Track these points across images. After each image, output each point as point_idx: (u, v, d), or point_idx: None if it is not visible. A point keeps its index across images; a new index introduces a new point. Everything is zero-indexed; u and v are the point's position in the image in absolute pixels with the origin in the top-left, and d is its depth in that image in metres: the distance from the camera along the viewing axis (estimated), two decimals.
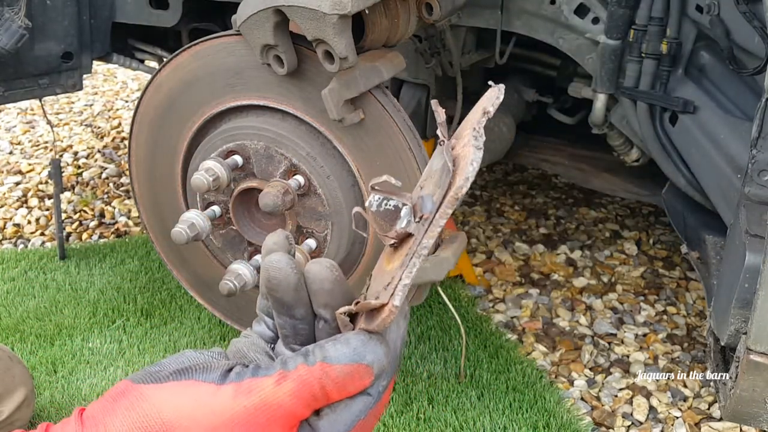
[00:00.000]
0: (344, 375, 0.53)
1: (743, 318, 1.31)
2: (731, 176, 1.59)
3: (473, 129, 0.56)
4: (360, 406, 0.55)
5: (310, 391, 0.53)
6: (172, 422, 0.52)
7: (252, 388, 0.53)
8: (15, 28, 2.00)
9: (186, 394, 0.53)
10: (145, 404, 0.52)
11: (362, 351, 0.54)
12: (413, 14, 1.69)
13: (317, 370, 0.53)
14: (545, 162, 2.81)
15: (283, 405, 0.53)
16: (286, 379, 0.53)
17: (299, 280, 0.57)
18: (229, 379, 0.54)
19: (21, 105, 4.41)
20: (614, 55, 1.98)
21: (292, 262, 0.57)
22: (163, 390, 0.53)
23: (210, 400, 0.52)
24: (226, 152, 1.73)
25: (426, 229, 0.55)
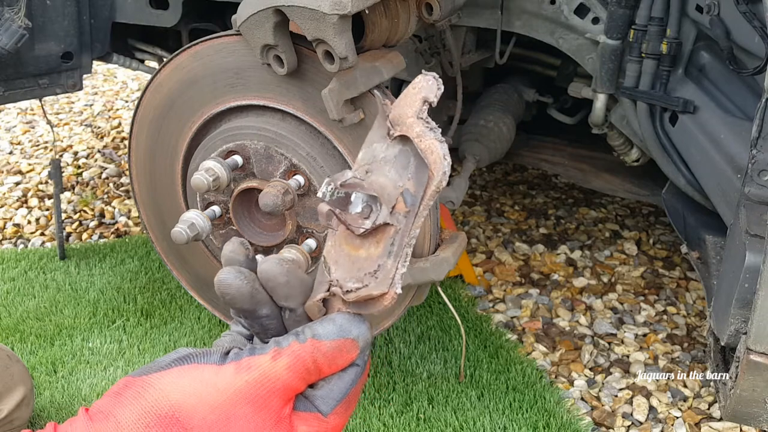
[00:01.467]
0: (333, 349, 0.59)
1: (743, 318, 1.31)
2: (731, 176, 1.59)
3: (423, 121, 0.60)
4: (352, 376, 0.61)
5: (303, 364, 0.58)
6: (180, 403, 0.55)
7: (251, 365, 0.57)
8: (15, 28, 2.00)
9: (190, 376, 0.56)
10: (152, 390, 0.55)
11: (348, 327, 0.59)
12: (413, 14, 1.69)
13: (309, 346, 0.58)
14: (545, 162, 2.81)
15: (280, 378, 0.57)
16: (281, 355, 0.58)
17: (253, 287, 0.61)
18: (229, 359, 0.58)
19: (21, 105, 4.41)
20: (614, 55, 1.98)
21: (240, 274, 0.61)
22: (168, 375, 0.56)
23: (213, 379, 0.56)
24: (226, 152, 1.73)
25: (413, 221, 0.60)
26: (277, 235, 1.77)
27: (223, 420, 0.55)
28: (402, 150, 0.62)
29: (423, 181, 0.60)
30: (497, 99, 2.58)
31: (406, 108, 0.62)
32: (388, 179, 0.62)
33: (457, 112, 2.24)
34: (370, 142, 0.64)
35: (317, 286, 0.64)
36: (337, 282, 0.63)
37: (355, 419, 1.97)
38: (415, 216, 0.60)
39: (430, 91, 0.61)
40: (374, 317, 1.87)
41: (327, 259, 0.65)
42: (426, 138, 0.60)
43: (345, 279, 0.63)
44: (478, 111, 2.55)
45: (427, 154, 0.60)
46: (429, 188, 0.60)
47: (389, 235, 0.61)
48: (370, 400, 2.04)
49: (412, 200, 0.60)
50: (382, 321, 1.82)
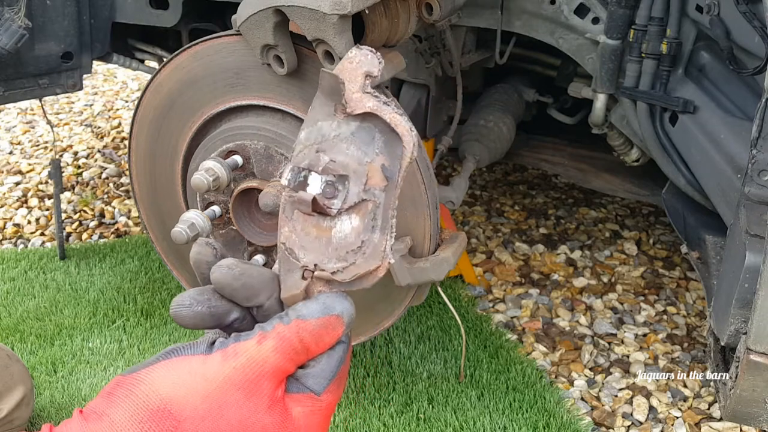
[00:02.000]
0: (319, 327, 0.59)
1: (743, 318, 1.31)
2: (731, 176, 1.59)
3: (371, 95, 0.61)
4: (340, 353, 0.61)
5: (290, 345, 0.58)
6: (170, 396, 0.55)
7: (237, 351, 0.57)
8: (15, 28, 2.00)
9: (178, 369, 0.56)
10: (142, 386, 0.55)
11: (331, 304, 0.60)
12: (413, 14, 1.69)
13: (293, 326, 0.58)
14: (545, 162, 2.81)
15: (268, 360, 0.57)
16: (266, 338, 0.58)
17: (209, 306, 0.61)
18: (215, 348, 0.58)
19: (21, 105, 4.41)
20: (614, 55, 1.98)
21: (191, 300, 0.61)
22: (156, 370, 0.56)
23: (201, 369, 0.56)
24: (226, 152, 1.73)
25: (394, 193, 0.61)
26: (277, 235, 1.76)
27: (215, 408, 0.55)
28: (361, 126, 0.62)
29: (396, 153, 0.61)
30: (497, 99, 2.58)
31: (349, 84, 0.61)
32: (349, 157, 0.62)
33: (457, 112, 2.24)
34: (314, 120, 0.63)
35: (285, 275, 0.64)
36: (315, 266, 0.63)
37: (355, 419, 1.97)
38: (395, 188, 0.62)
39: (371, 65, 0.61)
40: (375, 318, 1.86)
41: (289, 245, 0.64)
42: (386, 111, 0.60)
43: (322, 261, 0.63)
44: (478, 111, 2.55)
45: (395, 127, 0.60)
46: (404, 160, 0.61)
47: (367, 211, 0.62)
48: (370, 400, 2.04)
49: (391, 173, 0.61)
50: (382, 321, 1.82)
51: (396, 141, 0.61)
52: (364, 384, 2.11)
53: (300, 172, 0.62)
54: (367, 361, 2.20)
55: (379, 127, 0.61)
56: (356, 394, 2.07)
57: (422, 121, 2.43)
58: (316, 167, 0.62)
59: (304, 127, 0.64)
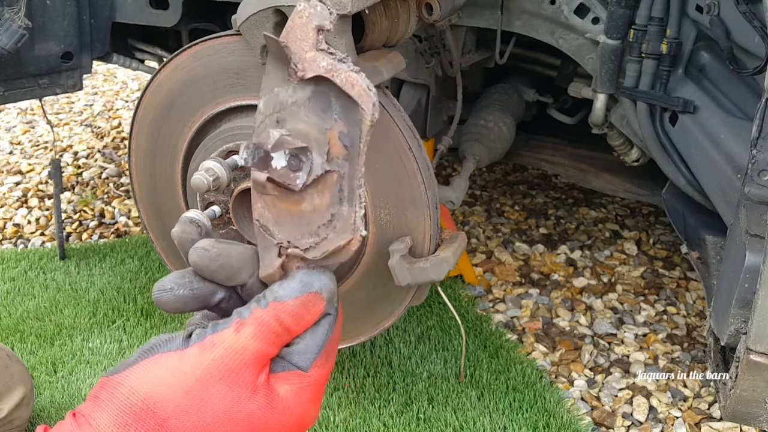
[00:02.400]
0: (298, 306, 0.57)
1: (743, 318, 1.31)
2: (731, 176, 1.59)
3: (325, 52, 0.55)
4: (326, 327, 0.59)
5: (269, 328, 0.56)
6: (151, 395, 0.54)
7: (215, 342, 0.56)
8: (15, 28, 2.00)
9: (156, 367, 0.56)
10: (123, 389, 0.55)
11: (309, 281, 0.58)
12: (413, 14, 1.69)
13: (271, 309, 0.57)
14: (545, 162, 2.81)
15: (248, 347, 0.56)
16: (244, 325, 0.56)
17: (191, 288, 0.60)
18: (192, 342, 0.57)
19: (21, 105, 4.41)
20: (614, 55, 1.98)
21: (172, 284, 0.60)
22: (135, 371, 0.56)
23: (179, 364, 0.56)
24: (226, 152, 1.73)
25: (358, 161, 0.57)
26: None
27: (197, 402, 0.55)
28: (315, 90, 0.57)
29: (355, 118, 0.56)
30: (497, 99, 2.58)
31: (299, 42, 0.56)
32: (308, 125, 0.57)
33: (457, 112, 2.24)
34: (270, 87, 0.59)
35: (263, 253, 0.61)
36: (288, 243, 0.60)
37: (355, 419, 1.97)
38: (359, 156, 0.57)
39: (322, 18, 0.56)
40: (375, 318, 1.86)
41: (263, 222, 0.62)
42: (340, 72, 0.55)
43: (296, 237, 0.60)
44: (478, 111, 2.55)
45: (349, 90, 0.55)
46: (364, 125, 0.56)
47: (333, 182, 0.58)
48: (370, 400, 2.04)
49: (351, 141, 0.57)
50: (382, 321, 1.82)
51: (353, 104, 0.55)
52: (364, 384, 2.11)
53: (257, 150, 0.58)
54: (367, 361, 2.20)
55: (334, 91, 0.56)
56: (356, 394, 2.07)
57: (422, 121, 2.42)
58: (266, 143, 0.58)
59: (262, 96, 0.60)
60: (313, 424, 0.62)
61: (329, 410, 2.00)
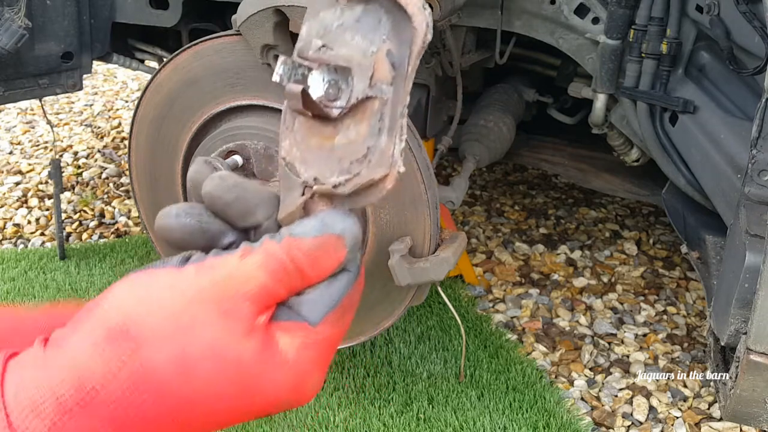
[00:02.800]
0: (315, 247, 0.48)
1: (743, 318, 1.31)
2: (731, 176, 1.59)
3: None
4: (343, 282, 0.50)
5: (279, 263, 0.48)
6: (131, 313, 0.46)
7: (215, 264, 0.47)
8: (15, 28, 2.00)
9: (144, 282, 0.48)
10: (104, 303, 0.47)
11: (331, 222, 0.49)
12: None
13: (285, 243, 0.48)
14: (545, 162, 2.81)
15: (252, 277, 0.47)
16: (251, 253, 0.48)
17: (200, 219, 0.52)
18: (190, 262, 0.49)
19: (21, 105, 4.41)
20: (614, 55, 1.98)
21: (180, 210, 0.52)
22: (121, 284, 0.48)
23: (170, 281, 0.47)
24: (226, 152, 1.73)
25: (404, 85, 0.52)
26: None
27: (180, 329, 0.45)
28: (365, 10, 0.53)
29: (405, 38, 0.52)
30: (497, 99, 2.58)
31: None
32: (353, 48, 0.53)
33: (457, 112, 2.24)
34: (314, 13, 0.55)
35: (285, 193, 0.54)
36: (315, 180, 0.53)
37: (355, 419, 1.97)
38: (405, 80, 0.52)
39: None
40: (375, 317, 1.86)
41: (289, 160, 0.55)
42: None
43: (325, 175, 0.53)
44: (478, 111, 2.55)
45: (405, 5, 0.51)
46: (415, 45, 0.51)
47: (373, 111, 0.52)
48: (370, 400, 2.04)
49: (399, 61, 0.52)
50: (382, 321, 1.82)
51: (405, 22, 0.51)
52: (364, 384, 2.11)
53: (296, 67, 0.53)
54: (367, 361, 2.20)
55: (386, 7, 0.52)
56: (356, 394, 2.07)
57: (422, 121, 2.42)
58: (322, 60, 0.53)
59: (306, 20, 0.55)
60: (314, 394, 0.51)
61: (329, 410, 2.00)
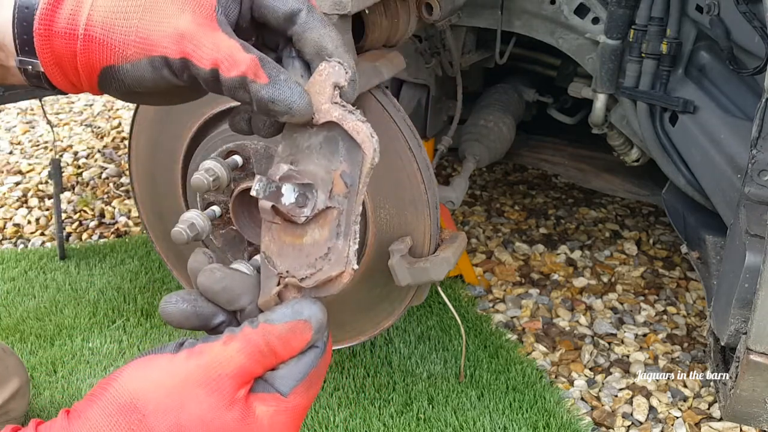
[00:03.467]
0: (286, 331, 0.60)
1: (743, 318, 1.31)
2: (731, 176, 1.59)
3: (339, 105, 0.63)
4: (311, 357, 0.63)
5: (256, 347, 0.60)
6: (137, 390, 0.58)
7: (203, 350, 0.60)
8: None
9: (146, 366, 0.60)
10: (115, 384, 0.59)
11: (299, 309, 0.62)
12: (413, 14, 1.69)
13: (260, 329, 0.60)
14: (545, 162, 2.82)
15: (232, 360, 0.59)
16: (232, 340, 0.60)
17: (195, 305, 0.64)
18: (183, 348, 0.61)
19: (21, 105, 4.41)
20: (614, 55, 1.98)
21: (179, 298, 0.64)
22: (128, 368, 0.60)
23: (168, 366, 0.60)
24: (226, 152, 1.73)
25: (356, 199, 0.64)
26: None
27: (177, 403, 0.58)
28: (327, 137, 0.65)
29: (357, 160, 0.64)
30: (497, 99, 2.59)
31: (318, 96, 0.64)
32: (317, 166, 0.65)
33: (457, 112, 2.24)
34: (290, 134, 0.67)
35: (264, 282, 0.66)
36: (287, 273, 0.65)
37: (355, 419, 1.97)
38: (357, 194, 0.64)
39: (338, 76, 0.64)
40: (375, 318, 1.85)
41: (268, 254, 0.67)
42: (348, 120, 0.63)
43: (295, 268, 0.65)
44: (478, 111, 2.55)
45: (355, 135, 0.63)
46: (364, 166, 0.64)
47: (333, 218, 0.65)
48: (370, 400, 2.04)
49: (351, 180, 0.64)
50: (382, 321, 1.82)
51: (357, 148, 0.64)
52: (364, 384, 2.11)
53: (269, 183, 0.64)
54: (367, 361, 2.20)
55: (342, 136, 0.64)
56: (356, 394, 2.07)
57: (422, 121, 2.43)
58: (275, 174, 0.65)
59: (282, 140, 0.67)
60: None
61: (329, 410, 2.00)
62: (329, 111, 0.64)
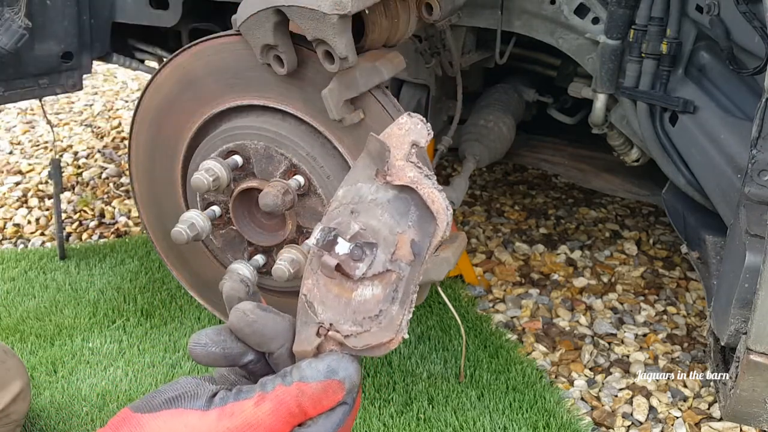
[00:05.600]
0: (319, 391, 0.59)
1: (743, 318, 1.31)
2: (731, 176, 1.59)
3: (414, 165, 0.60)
4: (339, 416, 0.61)
5: (287, 409, 0.59)
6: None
7: (234, 411, 0.59)
8: (15, 28, 2.00)
9: (176, 421, 0.59)
10: None
11: (335, 367, 0.60)
12: (413, 14, 1.69)
13: (294, 389, 0.59)
14: (545, 162, 2.81)
15: (262, 424, 0.58)
16: (264, 401, 0.59)
17: (224, 347, 0.63)
18: (214, 405, 0.60)
19: (21, 105, 4.41)
20: (614, 55, 1.98)
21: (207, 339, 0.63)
22: (157, 419, 0.59)
23: (197, 424, 0.58)
24: (226, 152, 1.73)
25: (419, 270, 0.61)
26: (277, 235, 1.77)
27: None
28: (398, 196, 0.62)
29: (427, 230, 0.61)
30: (497, 99, 2.59)
31: (395, 150, 0.61)
32: (381, 223, 0.61)
33: (457, 112, 2.24)
34: (354, 180, 0.63)
35: (301, 327, 0.64)
36: (330, 325, 0.62)
37: (355, 419, 1.97)
38: (422, 264, 0.61)
39: (419, 135, 0.61)
40: None
41: (310, 298, 0.64)
42: (425, 186, 0.60)
43: (338, 321, 0.62)
44: (478, 111, 2.55)
45: (430, 204, 0.60)
46: (435, 239, 0.60)
47: (390, 281, 0.61)
48: (370, 400, 2.04)
49: (419, 249, 0.61)
50: None
51: (430, 217, 0.60)
52: (364, 384, 2.11)
53: (330, 232, 0.62)
54: (367, 361, 2.20)
55: (415, 201, 0.61)
56: None
57: None
58: (346, 233, 0.62)
59: (344, 185, 0.64)
60: None
61: None
62: (404, 170, 0.60)
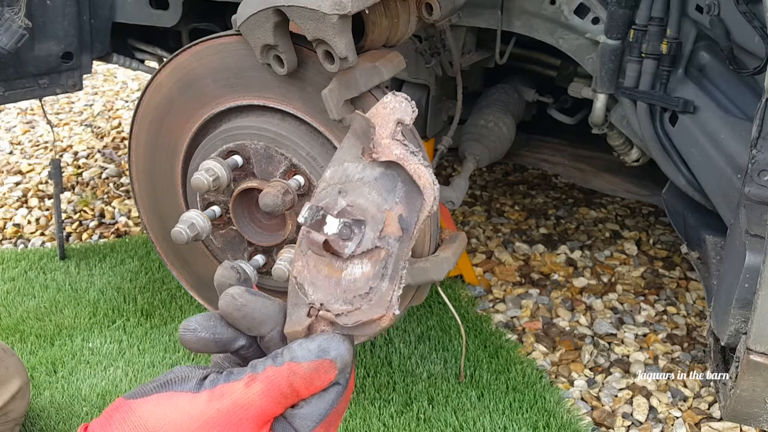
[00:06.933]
0: (310, 371, 0.59)
1: (743, 318, 1.31)
2: (731, 176, 1.59)
3: (400, 143, 0.60)
4: (332, 396, 0.61)
5: (278, 389, 0.58)
6: (156, 429, 0.58)
7: (224, 393, 0.58)
8: (15, 28, 2.00)
9: (166, 404, 0.59)
10: (134, 417, 0.58)
11: (327, 347, 0.59)
12: (413, 14, 1.69)
13: (285, 370, 0.59)
14: (545, 162, 2.81)
15: (253, 404, 0.58)
16: (254, 381, 0.58)
17: (214, 332, 0.63)
18: (204, 387, 0.59)
19: (21, 105, 4.41)
20: (614, 55, 1.98)
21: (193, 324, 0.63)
22: (148, 402, 0.59)
23: (187, 407, 0.58)
24: (226, 152, 1.73)
25: (408, 245, 0.61)
26: (277, 235, 1.77)
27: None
28: (385, 173, 0.62)
29: (415, 206, 0.61)
30: (497, 99, 2.58)
31: (380, 129, 0.61)
32: (369, 201, 0.62)
33: (457, 112, 2.24)
34: (341, 160, 0.64)
35: (292, 309, 0.63)
36: (321, 305, 0.62)
37: (355, 419, 1.97)
38: (410, 240, 0.61)
39: (404, 113, 0.61)
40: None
41: (300, 280, 0.64)
42: (411, 162, 0.60)
43: (330, 301, 0.62)
44: (478, 111, 2.55)
45: (417, 179, 0.60)
46: (422, 213, 0.61)
47: (380, 258, 0.62)
48: (370, 400, 2.04)
49: (407, 225, 0.61)
50: None
51: (417, 193, 0.61)
52: (364, 384, 2.10)
53: (318, 211, 0.62)
54: (367, 361, 2.20)
55: (402, 177, 0.61)
56: (356, 394, 2.07)
57: (422, 121, 2.42)
58: (333, 209, 0.62)
59: (330, 166, 0.64)
60: None
61: None
62: (390, 147, 0.61)
